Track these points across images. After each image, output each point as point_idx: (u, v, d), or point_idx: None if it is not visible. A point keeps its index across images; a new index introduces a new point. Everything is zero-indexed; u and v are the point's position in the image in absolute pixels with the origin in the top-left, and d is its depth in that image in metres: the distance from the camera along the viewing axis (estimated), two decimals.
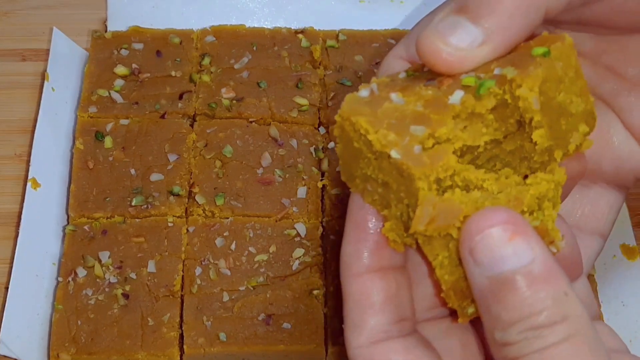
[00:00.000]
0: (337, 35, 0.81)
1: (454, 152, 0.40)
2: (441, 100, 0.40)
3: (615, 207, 0.56)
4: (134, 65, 0.78)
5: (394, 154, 0.39)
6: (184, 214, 0.71)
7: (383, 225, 0.42)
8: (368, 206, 0.42)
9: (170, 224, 0.70)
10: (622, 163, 0.53)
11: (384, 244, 0.42)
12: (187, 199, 0.71)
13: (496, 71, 0.40)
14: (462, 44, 0.41)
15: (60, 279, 0.68)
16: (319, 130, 0.75)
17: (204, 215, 0.71)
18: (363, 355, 0.41)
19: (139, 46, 0.79)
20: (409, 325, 0.42)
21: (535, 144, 0.40)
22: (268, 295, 0.67)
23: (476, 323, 0.44)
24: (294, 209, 0.71)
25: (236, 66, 0.79)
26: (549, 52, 0.40)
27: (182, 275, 0.68)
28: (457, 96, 0.40)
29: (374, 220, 0.42)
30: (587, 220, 0.56)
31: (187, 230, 0.70)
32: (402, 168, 0.39)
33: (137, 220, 0.70)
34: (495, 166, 0.42)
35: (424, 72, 0.43)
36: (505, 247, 0.37)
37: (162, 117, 0.75)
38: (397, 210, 0.41)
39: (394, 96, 0.41)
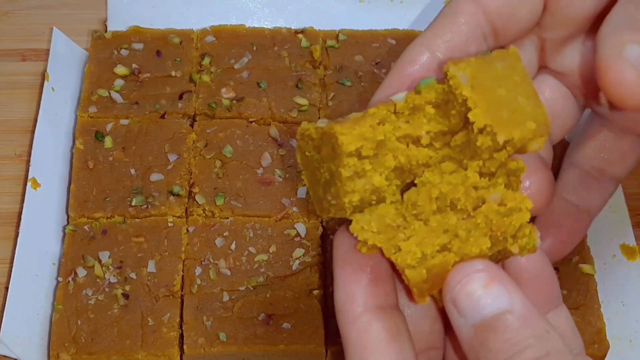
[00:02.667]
0: (337, 35, 0.81)
1: (398, 140, 0.42)
2: (388, 102, 0.43)
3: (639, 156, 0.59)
4: (134, 65, 0.78)
5: (320, 123, 0.41)
6: (184, 214, 0.71)
7: (357, 242, 0.42)
8: (354, 247, 0.42)
9: (170, 224, 0.70)
10: None
11: (376, 282, 0.42)
12: (187, 199, 0.71)
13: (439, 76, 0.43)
14: None
15: (60, 279, 0.67)
16: None
17: (204, 215, 0.71)
18: None
19: (139, 46, 0.79)
20: None
21: (473, 124, 0.41)
22: (268, 295, 0.67)
23: None
24: (294, 209, 0.71)
25: (236, 66, 0.79)
26: (489, 53, 0.43)
27: (182, 275, 0.68)
28: (400, 95, 0.42)
29: (362, 260, 0.42)
30: (612, 166, 0.58)
31: (187, 230, 0.70)
32: (330, 133, 0.41)
33: (137, 220, 0.70)
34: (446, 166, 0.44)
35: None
36: (482, 292, 0.39)
37: (162, 117, 0.75)
38: (347, 200, 0.42)
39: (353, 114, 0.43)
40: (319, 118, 0.76)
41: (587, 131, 0.59)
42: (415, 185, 0.43)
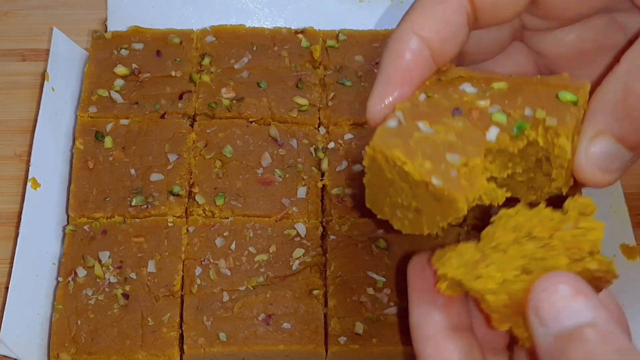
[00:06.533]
0: (337, 35, 0.81)
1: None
2: (476, 134, 0.43)
3: None
4: (134, 65, 0.78)
5: (435, 181, 0.40)
6: (184, 214, 0.71)
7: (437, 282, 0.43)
8: (427, 269, 0.43)
9: (170, 224, 0.70)
10: None
11: (450, 303, 0.43)
12: (187, 199, 0.71)
13: (527, 112, 0.43)
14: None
15: (60, 279, 0.67)
16: (319, 130, 0.75)
17: (204, 215, 0.71)
18: None
19: (139, 46, 0.79)
20: None
21: (553, 180, 0.43)
22: (268, 295, 0.67)
23: None
24: (294, 209, 0.71)
25: (236, 66, 0.79)
26: (577, 101, 0.43)
27: (182, 275, 0.68)
28: (493, 133, 0.42)
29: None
30: None
31: (187, 230, 0.70)
32: (443, 193, 0.41)
33: (137, 220, 0.70)
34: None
35: (444, 94, 0.45)
36: (569, 302, 0.39)
37: (162, 117, 0.75)
38: (428, 230, 0.43)
39: (422, 125, 0.43)
40: (319, 119, 0.76)
41: None
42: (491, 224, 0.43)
